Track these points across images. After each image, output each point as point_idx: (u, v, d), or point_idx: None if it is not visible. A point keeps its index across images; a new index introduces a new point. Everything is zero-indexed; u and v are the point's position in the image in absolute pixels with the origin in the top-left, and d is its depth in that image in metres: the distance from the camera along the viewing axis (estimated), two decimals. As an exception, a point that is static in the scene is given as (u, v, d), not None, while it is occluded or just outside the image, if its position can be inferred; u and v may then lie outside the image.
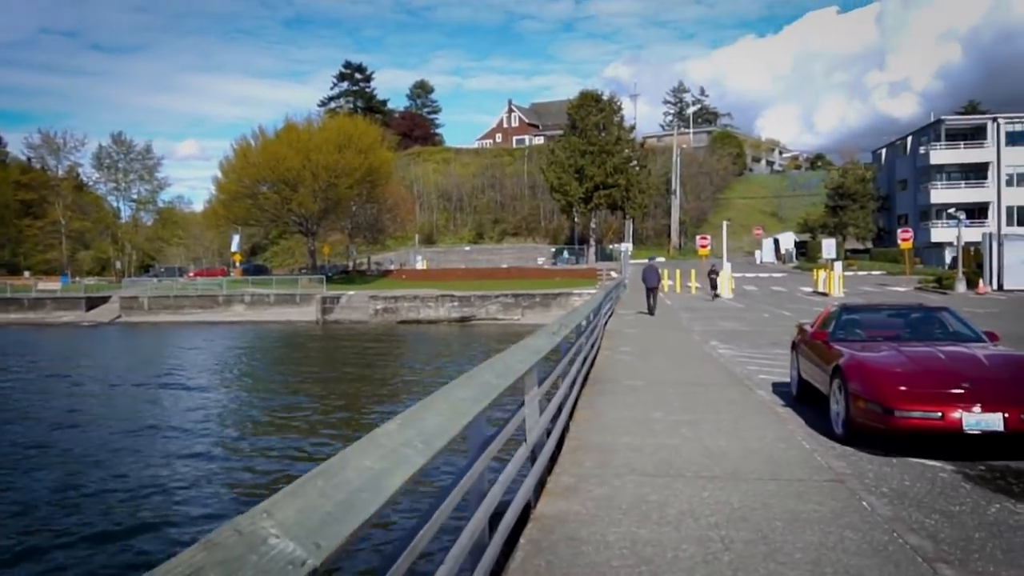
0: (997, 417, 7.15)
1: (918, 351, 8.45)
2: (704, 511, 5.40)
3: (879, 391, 7.57)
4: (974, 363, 8.03)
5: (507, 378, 4.63)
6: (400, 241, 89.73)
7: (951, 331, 9.82)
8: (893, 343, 9.11)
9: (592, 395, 10.50)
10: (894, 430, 7.42)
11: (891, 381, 7.64)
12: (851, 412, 7.87)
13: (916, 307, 11.29)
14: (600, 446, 7.37)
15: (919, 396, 7.42)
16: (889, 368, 7.95)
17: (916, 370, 7.83)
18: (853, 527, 5.05)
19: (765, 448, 7.25)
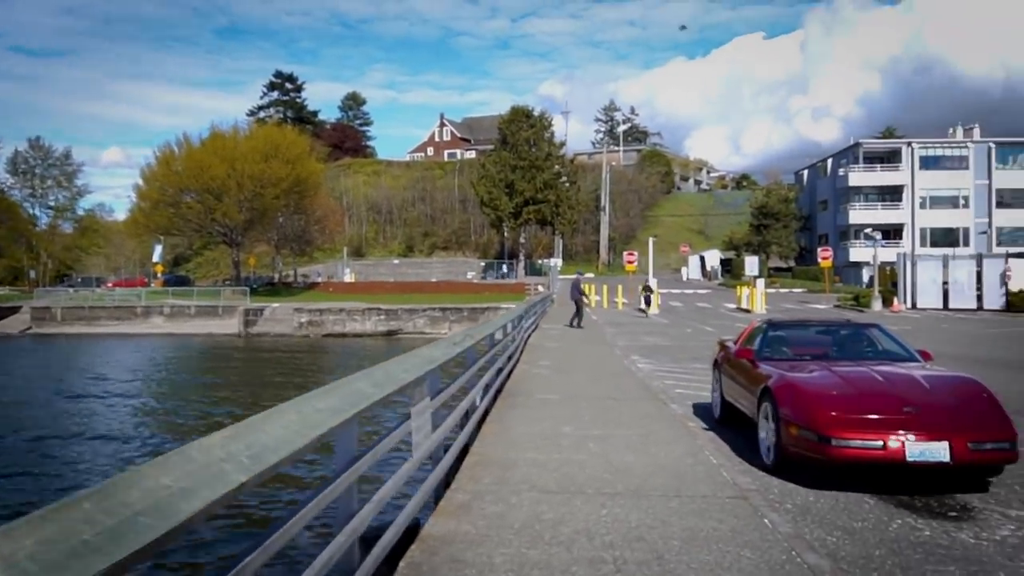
0: (942, 446, 6.46)
1: (853, 372, 7.77)
2: (600, 530, 5.13)
3: (814, 417, 6.83)
4: (914, 385, 7.36)
5: (385, 388, 4.30)
6: (328, 253, 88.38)
7: (882, 349, 9.15)
8: (824, 362, 8.42)
9: (504, 409, 10.20)
10: (830, 460, 6.69)
11: (827, 406, 6.91)
12: (782, 440, 7.14)
13: (845, 323, 10.76)
14: (502, 461, 7.07)
15: (858, 423, 6.70)
16: (825, 391, 7.21)
17: (854, 393, 7.11)
18: (751, 545, 4.85)
19: (672, 464, 7.04)
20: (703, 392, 12.87)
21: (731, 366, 9.72)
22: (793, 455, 7.05)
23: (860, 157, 70.36)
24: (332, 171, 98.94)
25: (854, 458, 6.61)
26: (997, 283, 40.01)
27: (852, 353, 9.04)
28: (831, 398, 7.05)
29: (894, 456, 6.50)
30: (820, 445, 6.68)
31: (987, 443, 6.57)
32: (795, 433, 6.96)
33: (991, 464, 6.75)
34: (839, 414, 6.79)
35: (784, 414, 7.17)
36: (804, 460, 6.93)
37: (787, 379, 7.69)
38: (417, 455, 5.14)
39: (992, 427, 6.71)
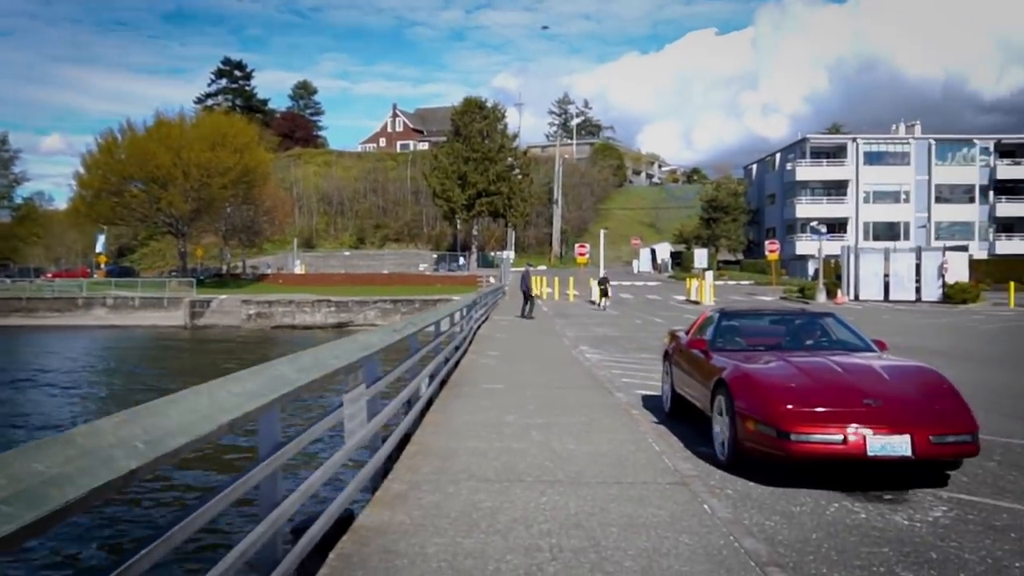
0: (904, 440, 6.18)
1: (810, 362, 7.43)
2: (538, 518, 5.04)
3: (772, 411, 6.46)
4: (873, 376, 7.07)
5: (311, 373, 4.15)
6: (278, 245, 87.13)
7: (837, 339, 8.80)
8: (779, 353, 8.07)
9: (449, 398, 10.08)
10: (790, 457, 6.33)
11: (786, 399, 6.55)
12: (738, 435, 6.77)
13: (799, 312, 10.46)
14: (443, 451, 6.94)
15: (818, 417, 6.35)
16: (783, 383, 6.86)
17: (813, 385, 6.78)
18: (690, 531, 4.80)
19: (614, 451, 6.99)
20: (650, 381, 12.91)
21: (683, 357, 9.34)
22: (750, 451, 6.69)
23: (807, 152, 71.52)
24: (282, 161, 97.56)
25: (814, 454, 6.26)
26: (935, 275, 40.99)
27: (807, 343, 8.76)
28: (790, 391, 6.70)
29: (855, 451, 6.19)
30: (779, 441, 6.31)
31: (949, 436, 6.32)
32: (752, 428, 6.60)
33: (952, 457, 6.53)
34: (799, 408, 6.44)
35: (740, 408, 6.82)
36: (762, 457, 6.59)
37: (743, 371, 7.32)
38: (350, 444, 4.99)
39: (953, 419, 6.47)
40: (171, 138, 66.89)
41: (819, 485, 6.51)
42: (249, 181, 70.14)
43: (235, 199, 71.05)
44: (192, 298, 55.15)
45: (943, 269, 40.90)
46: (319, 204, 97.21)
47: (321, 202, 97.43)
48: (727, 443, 7.04)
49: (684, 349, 9.36)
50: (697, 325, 9.81)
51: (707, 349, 8.50)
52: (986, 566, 4.72)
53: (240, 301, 53.86)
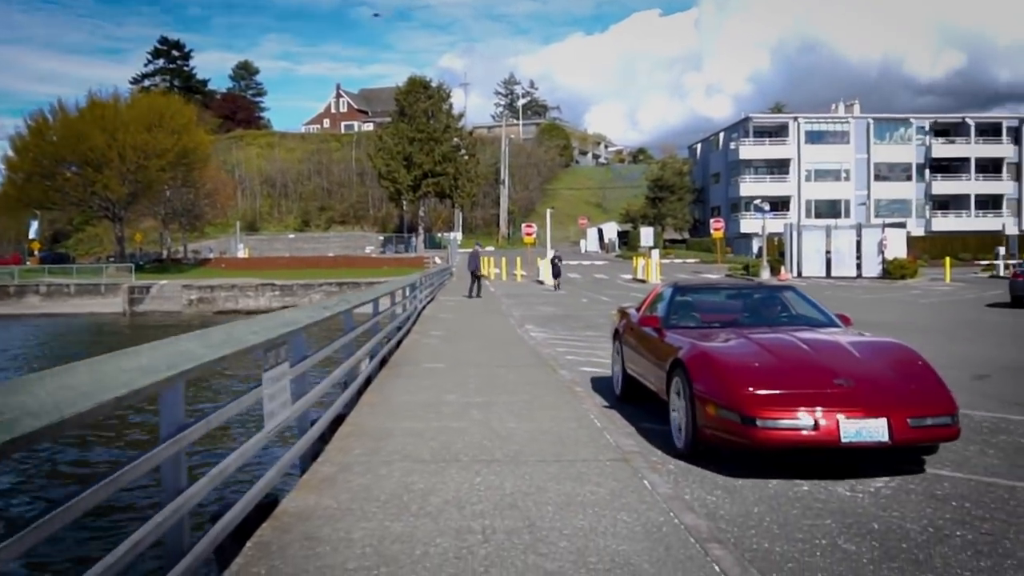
0: (880, 424, 5.64)
1: (773, 340, 6.86)
2: (472, 499, 4.82)
3: (736, 394, 5.89)
4: (842, 354, 6.51)
5: (221, 349, 3.85)
6: (221, 228, 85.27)
7: (798, 314, 8.22)
8: (738, 329, 7.51)
9: (388, 378, 9.81)
10: (755, 445, 5.75)
11: (749, 380, 5.99)
12: (698, 421, 6.17)
13: (757, 286, 9.81)
14: (378, 431, 6.68)
15: (786, 399, 5.79)
16: (746, 363, 6.29)
17: (778, 365, 6.23)
18: (629, 508, 4.63)
19: (555, 428, 6.80)
20: (594, 359, 12.79)
21: (634, 336, 8.70)
22: (711, 439, 6.08)
23: (750, 131, 72.30)
24: (223, 143, 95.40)
25: (782, 442, 5.67)
26: (875, 252, 41.76)
27: (767, 319, 8.13)
28: (753, 371, 6.13)
29: (827, 438, 5.62)
30: (743, 427, 5.72)
31: (927, 418, 5.79)
32: (713, 413, 6.00)
33: (931, 441, 6.02)
34: (763, 390, 5.89)
35: (699, 391, 6.21)
36: (724, 445, 6.00)
37: (701, 349, 6.69)
38: (270, 426, 4.70)
39: (932, 400, 5.95)
40: (105, 119, 64.75)
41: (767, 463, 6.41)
42: (188, 163, 68.41)
43: (174, 182, 69.20)
44: (131, 284, 53.69)
45: (883, 246, 41.66)
46: (262, 187, 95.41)
47: (264, 184, 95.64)
48: (685, 429, 6.41)
49: (635, 327, 8.70)
50: (648, 301, 9.13)
51: (660, 327, 7.86)
52: (927, 535, 4.64)
53: (181, 286, 52.62)
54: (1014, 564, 4.20)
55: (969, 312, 22.80)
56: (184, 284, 53.04)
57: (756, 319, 8.17)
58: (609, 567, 3.76)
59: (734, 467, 6.13)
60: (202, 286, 52.65)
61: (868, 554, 4.34)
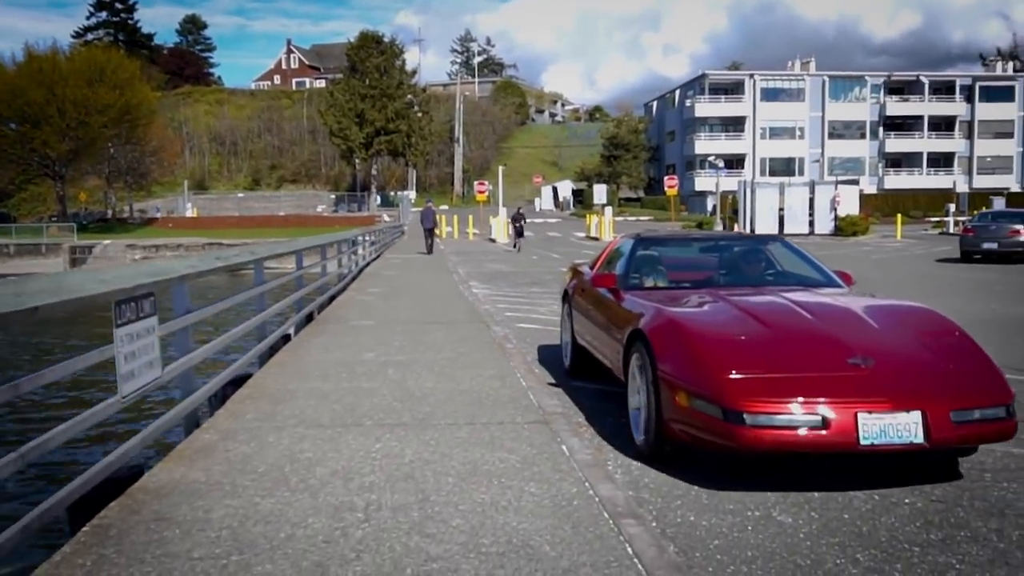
0: (913, 420, 4.14)
1: (761, 303, 5.34)
2: (364, 469, 4.23)
3: (715, 378, 4.33)
4: (854, 322, 4.96)
5: (34, 299, 3.17)
6: (168, 187, 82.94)
7: (788, 271, 6.65)
8: (714, 291, 5.92)
9: (309, 336, 9.15)
10: (743, 447, 4.19)
11: (733, 359, 4.44)
12: (664, 413, 4.60)
13: (737, 237, 7.94)
14: (279, 393, 6.05)
15: (784, 386, 4.24)
16: (727, 335, 4.74)
17: (770, 337, 4.69)
18: (539, 478, 4.07)
19: (475, 388, 6.23)
20: (534, 315, 12.27)
21: (586, 299, 7.08)
22: (681, 436, 4.54)
23: (706, 88, 71.75)
24: (170, 99, 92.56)
25: (780, 445, 4.14)
26: (828, 209, 41.76)
27: (750, 277, 6.54)
28: (739, 346, 4.60)
29: (841, 440, 4.09)
30: (727, 425, 4.18)
31: (975, 410, 4.26)
32: (684, 404, 4.45)
33: (978, 442, 4.50)
34: (753, 372, 4.34)
35: (665, 373, 4.67)
36: (699, 445, 4.46)
37: (668, 316, 5.12)
38: (127, 389, 4.04)
39: (979, 385, 4.41)
40: (44, 74, 62.27)
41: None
42: (132, 120, 66.26)
43: (117, 139, 66.98)
44: (72, 244, 52.08)
45: (835, 203, 41.65)
46: (211, 144, 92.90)
47: (213, 142, 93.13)
48: (647, 422, 4.84)
49: (588, 288, 7.06)
50: (605, 256, 7.53)
51: (617, 287, 6.29)
52: (872, 504, 4.16)
53: (125, 246, 51.14)
54: (967, 536, 3.73)
55: (920, 267, 22.71)
56: (128, 244, 51.55)
57: (737, 278, 6.57)
58: (503, 550, 3.20)
59: (667, 428, 5.61)
60: (147, 246, 51.18)
61: (806, 527, 3.84)
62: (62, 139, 61.80)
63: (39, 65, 63.80)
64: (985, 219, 25.45)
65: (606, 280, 6.51)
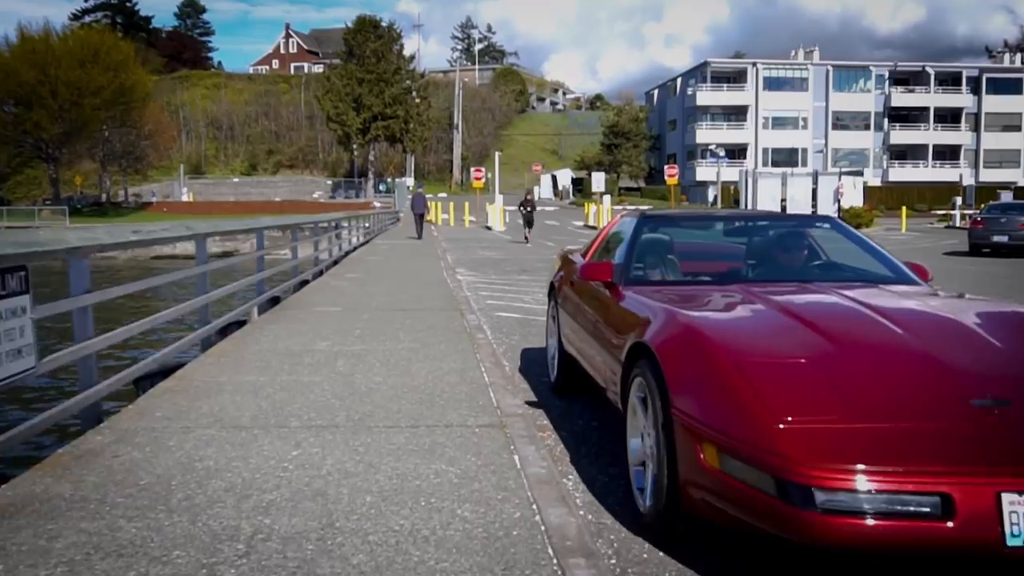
0: None
1: (820, 306, 3.75)
2: (268, 483, 3.48)
3: (763, 425, 2.76)
4: (964, 337, 3.36)
5: None
6: (164, 172, 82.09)
7: (840, 262, 4.92)
8: (747, 287, 4.22)
9: (266, 322, 8.40)
10: (811, 540, 2.57)
11: (791, 393, 2.90)
12: (682, 472, 3.05)
13: (774, 216, 6.34)
14: (205, 387, 5.30)
15: (879, 442, 2.67)
16: (777, 355, 3.17)
17: (843, 359, 3.10)
18: (478, 499, 3.32)
19: (430, 384, 5.48)
20: (517, 303, 11.53)
21: (575, 295, 5.44)
22: (706, 512, 2.96)
23: (708, 77, 70.79)
24: (167, 83, 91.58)
25: (870, 543, 2.52)
26: (831, 200, 40.95)
27: (791, 270, 4.70)
28: (796, 373, 3.02)
29: (973, 536, 2.49)
30: (783, 505, 2.60)
31: None
32: (712, 464, 2.87)
33: None
34: (826, 417, 2.77)
35: (684, 412, 3.06)
36: (737, 527, 2.84)
37: (687, 325, 3.46)
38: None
39: None
40: (36, 55, 61.48)
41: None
42: (126, 102, 65.50)
43: (112, 122, 66.12)
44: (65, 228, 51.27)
45: (839, 193, 40.86)
46: (208, 129, 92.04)
47: (210, 127, 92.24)
48: (655, 485, 3.22)
49: (577, 282, 5.43)
50: (601, 240, 5.88)
51: (614, 281, 4.59)
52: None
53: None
54: None
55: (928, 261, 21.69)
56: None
57: (773, 270, 4.74)
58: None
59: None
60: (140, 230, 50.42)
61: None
62: (54, 121, 61.03)
63: (32, 46, 63.01)
64: (995, 211, 24.64)
65: (599, 271, 4.76)
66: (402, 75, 72.80)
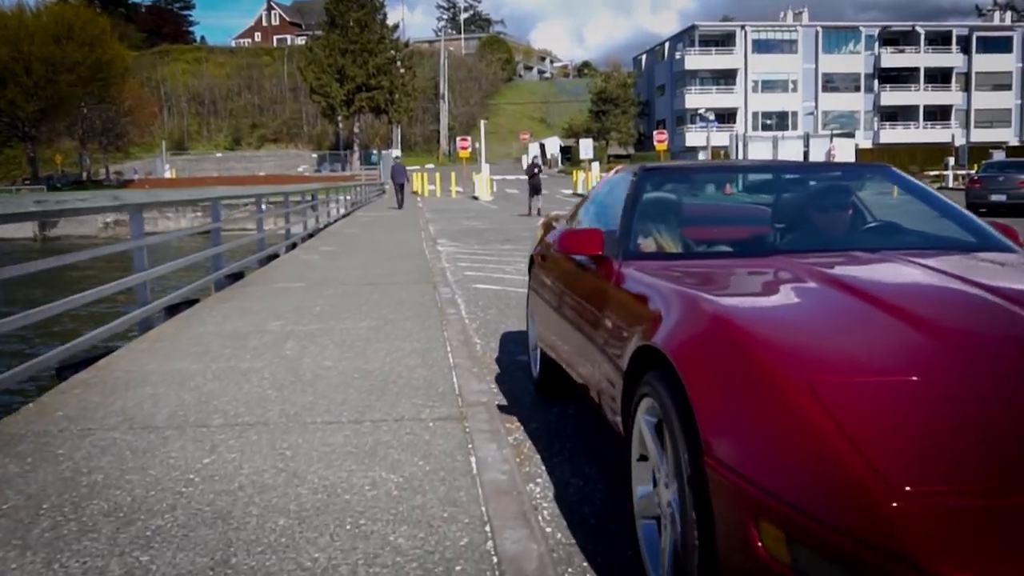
0: None
1: (907, 284, 2.61)
2: (162, 504, 2.82)
3: (873, 507, 1.52)
4: None
5: None
6: (146, 148, 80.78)
7: (901, 225, 3.78)
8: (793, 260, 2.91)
9: (219, 301, 7.71)
10: None
11: (915, 446, 1.65)
12: (724, 558, 1.84)
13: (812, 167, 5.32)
14: (125, 378, 4.62)
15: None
16: (881, 374, 1.89)
17: (983, 380, 1.85)
18: (417, 518, 2.66)
19: (387, 368, 4.81)
20: (498, 274, 10.87)
21: (555, 274, 4.18)
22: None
23: (696, 40, 69.66)
24: (147, 58, 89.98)
25: None
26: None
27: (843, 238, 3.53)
28: (914, 403, 1.79)
29: None
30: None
31: None
32: (777, 555, 1.66)
33: None
34: (973, 486, 1.55)
35: (726, 463, 1.83)
36: None
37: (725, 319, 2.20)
38: None
39: None
40: (8, 30, 60.07)
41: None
42: (104, 78, 64.19)
43: (90, 98, 64.79)
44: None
45: (830, 155, 40.19)
46: (190, 104, 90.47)
47: (192, 102, 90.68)
48: (676, 562, 2.11)
49: (554, 256, 4.23)
50: (586, 203, 4.53)
51: (607, 255, 3.36)
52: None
53: (95, 209, 49.39)
54: None
55: (921, 220, 21.30)
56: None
57: (819, 238, 3.47)
58: None
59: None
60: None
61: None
62: (30, 99, 59.77)
63: (4, 22, 61.62)
64: (992, 170, 23.99)
65: (585, 241, 3.41)
66: (386, 45, 71.41)
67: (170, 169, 73.34)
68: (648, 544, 2.36)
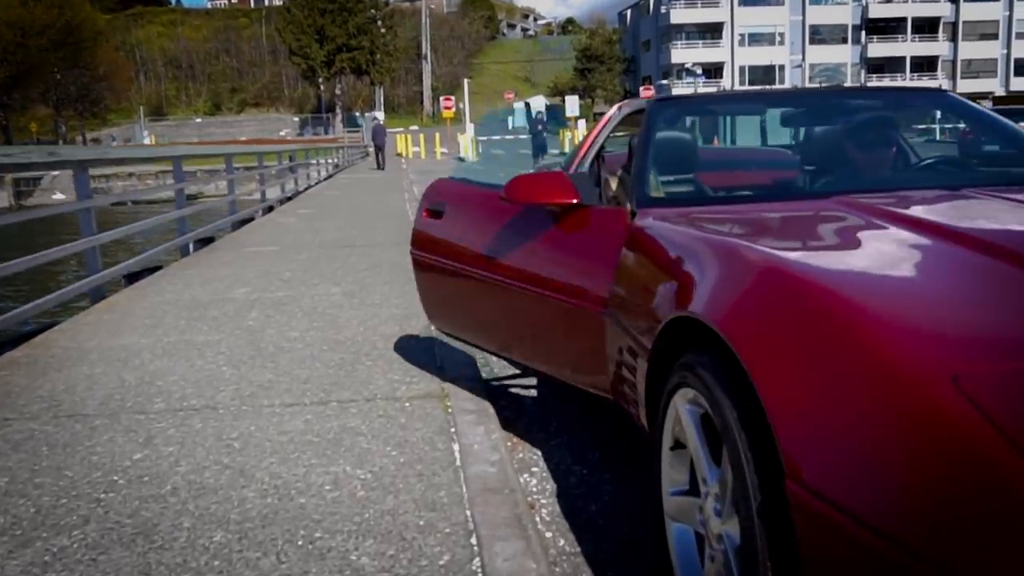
0: None
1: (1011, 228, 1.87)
2: (69, 518, 2.29)
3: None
4: None
5: None
6: (124, 115, 79.25)
7: (968, 160, 3.32)
8: (847, 200, 2.17)
9: (182, 267, 7.14)
10: None
11: None
12: None
13: (854, 92, 4.61)
14: (61, 356, 4.07)
15: None
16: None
17: None
18: (388, 530, 2.15)
19: (360, 338, 4.29)
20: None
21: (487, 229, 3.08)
22: None
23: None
24: (121, 21, 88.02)
25: None
26: (813, 115, 39.67)
27: (904, 175, 2.96)
28: None
29: None
30: None
31: None
32: None
33: None
34: None
35: (818, 492, 1.16)
36: None
37: (802, 278, 1.46)
38: None
39: None
40: (-28, -7, 58.41)
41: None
42: (76, 42, 62.59)
43: (63, 63, 63.20)
44: (17, 175, 49.08)
45: (819, 108, 39.58)
46: (167, 68, 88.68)
47: (169, 66, 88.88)
48: None
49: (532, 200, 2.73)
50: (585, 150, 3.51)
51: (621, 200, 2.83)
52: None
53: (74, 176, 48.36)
54: None
55: (916, 171, 20.80)
56: (76, 174, 48.78)
57: (864, 177, 2.79)
58: None
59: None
60: (97, 175, 48.38)
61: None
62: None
63: (-32, -17, 59.80)
64: (986, 117, 23.46)
65: (551, 186, 2.60)
66: (365, 3, 69.88)
67: (149, 135, 72.01)
68: (682, 557, 1.80)
